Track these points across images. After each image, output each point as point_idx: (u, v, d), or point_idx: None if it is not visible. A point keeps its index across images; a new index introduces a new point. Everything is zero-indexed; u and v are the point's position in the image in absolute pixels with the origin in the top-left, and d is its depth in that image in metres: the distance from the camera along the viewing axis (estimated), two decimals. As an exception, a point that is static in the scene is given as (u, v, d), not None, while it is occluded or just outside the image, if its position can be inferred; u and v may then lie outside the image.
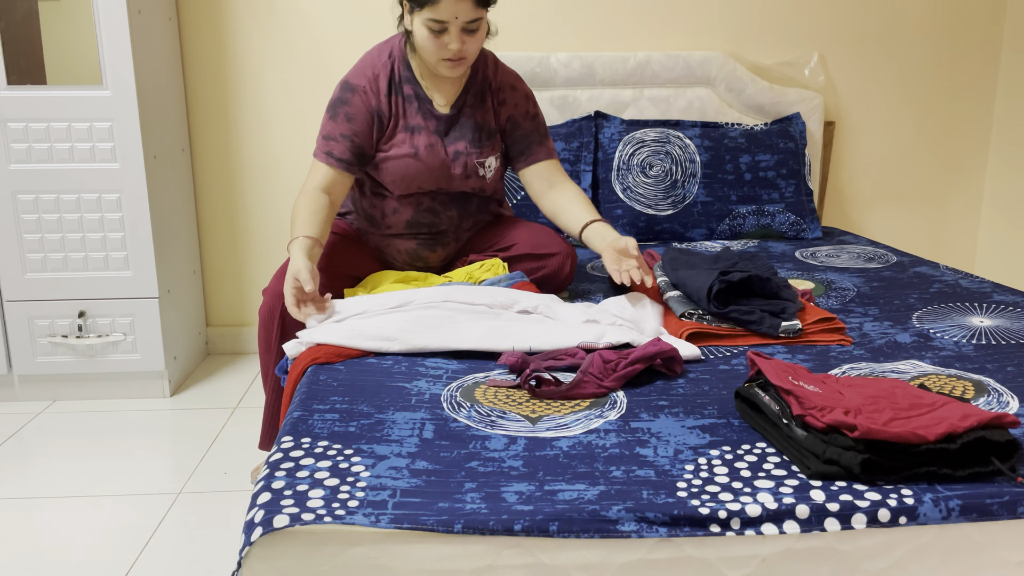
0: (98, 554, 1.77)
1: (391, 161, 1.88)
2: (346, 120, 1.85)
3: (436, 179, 1.91)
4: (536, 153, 1.98)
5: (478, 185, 1.96)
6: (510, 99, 1.97)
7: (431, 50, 1.77)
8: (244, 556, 0.99)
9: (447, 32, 1.73)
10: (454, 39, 1.74)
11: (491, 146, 1.95)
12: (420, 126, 1.89)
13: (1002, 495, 1.04)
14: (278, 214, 2.92)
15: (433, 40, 1.75)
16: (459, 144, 1.91)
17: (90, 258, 2.49)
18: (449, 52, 1.76)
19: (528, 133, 1.98)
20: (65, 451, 2.25)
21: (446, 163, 1.91)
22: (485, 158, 1.93)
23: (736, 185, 2.64)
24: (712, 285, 1.64)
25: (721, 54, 2.80)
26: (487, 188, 1.99)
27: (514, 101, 1.97)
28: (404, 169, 1.88)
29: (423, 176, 1.90)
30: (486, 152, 1.93)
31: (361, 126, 1.86)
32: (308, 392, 1.38)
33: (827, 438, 1.11)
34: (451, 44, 1.74)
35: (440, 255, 2.02)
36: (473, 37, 1.77)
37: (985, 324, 1.74)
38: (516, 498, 1.04)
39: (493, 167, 1.96)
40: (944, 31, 2.95)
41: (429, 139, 1.89)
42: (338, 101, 1.87)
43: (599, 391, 1.37)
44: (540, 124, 2.01)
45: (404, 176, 1.89)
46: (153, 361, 2.58)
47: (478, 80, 1.95)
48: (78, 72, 2.39)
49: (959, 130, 3.06)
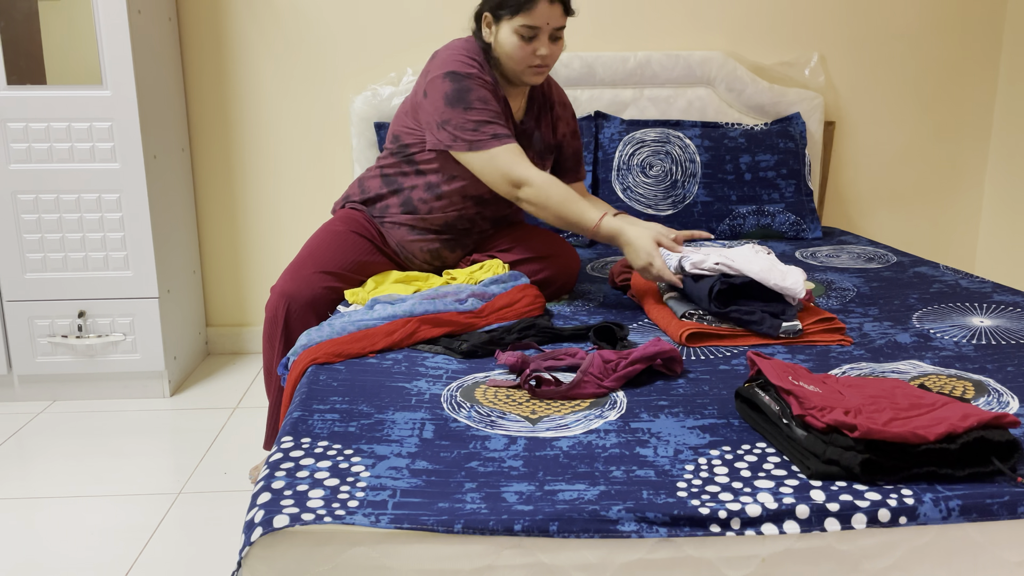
0: (98, 554, 1.77)
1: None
2: (483, 103, 1.78)
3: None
4: (572, 174, 2.11)
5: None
6: (563, 116, 2.05)
7: (520, 58, 1.79)
8: (244, 556, 0.99)
9: (537, 39, 1.77)
10: (544, 45, 1.77)
11: (551, 159, 2.04)
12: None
13: (1002, 495, 1.04)
14: (278, 214, 2.92)
15: (523, 48, 1.78)
16: (529, 153, 1.96)
17: (90, 258, 2.49)
18: (538, 59, 1.79)
19: (575, 153, 2.10)
20: (65, 451, 2.25)
21: None
22: (546, 170, 2.01)
23: (736, 185, 2.64)
24: (713, 285, 1.64)
25: (721, 54, 2.80)
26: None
27: (566, 119, 2.06)
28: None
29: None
30: (547, 164, 2.02)
31: (496, 105, 1.81)
32: (308, 392, 1.38)
33: (827, 438, 1.11)
34: (540, 50, 1.78)
35: (458, 255, 2.04)
36: (556, 45, 1.82)
37: (985, 324, 1.74)
38: (516, 498, 1.04)
39: None
40: (944, 31, 2.95)
41: None
42: (461, 91, 1.78)
43: (599, 391, 1.37)
44: (580, 146, 2.11)
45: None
46: (153, 361, 2.58)
47: (538, 93, 2.00)
48: (78, 72, 2.39)
49: (959, 130, 3.06)
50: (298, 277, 1.87)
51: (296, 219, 2.93)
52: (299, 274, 1.88)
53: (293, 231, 2.95)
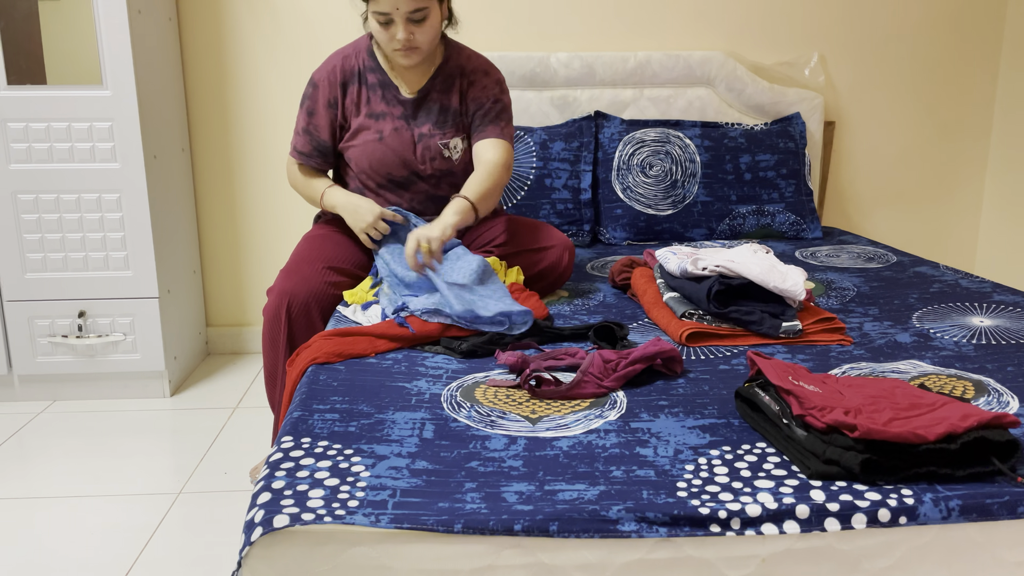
0: (98, 554, 1.77)
1: (357, 148, 1.96)
2: (308, 115, 1.98)
3: (403, 162, 1.96)
4: (479, 132, 1.97)
5: (445, 167, 1.98)
6: (479, 82, 1.99)
7: (384, 41, 1.86)
8: (244, 556, 0.99)
9: (394, 24, 1.81)
10: (400, 29, 1.81)
11: (455, 127, 1.98)
12: (385, 112, 1.95)
13: (1002, 495, 1.04)
14: (278, 214, 2.92)
15: (383, 32, 1.84)
16: (424, 127, 1.96)
17: (90, 258, 2.49)
18: (398, 42, 1.83)
19: (486, 112, 1.97)
20: (65, 451, 2.25)
21: (411, 145, 1.95)
22: (448, 139, 1.97)
23: (736, 185, 2.64)
24: (712, 286, 1.64)
25: (721, 54, 2.80)
26: (456, 170, 2.00)
27: (483, 84, 1.99)
28: (371, 153, 1.94)
29: (390, 159, 1.95)
30: (449, 133, 1.97)
31: (320, 119, 1.97)
32: (308, 392, 1.38)
33: (827, 438, 1.11)
34: (398, 34, 1.82)
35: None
36: (421, 27, 1.83)
37: (985, 324, 1.74)
38: (516, 498, 1.04)
39: (460, 149, 1.99)
40: (944, 31, 2.95)
41: (395, 123, 1.95)
42: (303, 97, 1.99)
43: (599, 391, 1.37)
44: (503, 108, 1.99)
45: (371, 160, 1.95)
46: (153, 361, 2.58)
47: (449, 67, 1.99)
48: (78, 72, 2.39)
49: (959, 130, 3.06)
50: (296, 275, 1.85)
51: (296, 219, 2.93)
52: (296, 272, 1.86)
53: (293, 231, 2.95)
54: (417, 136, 1.95)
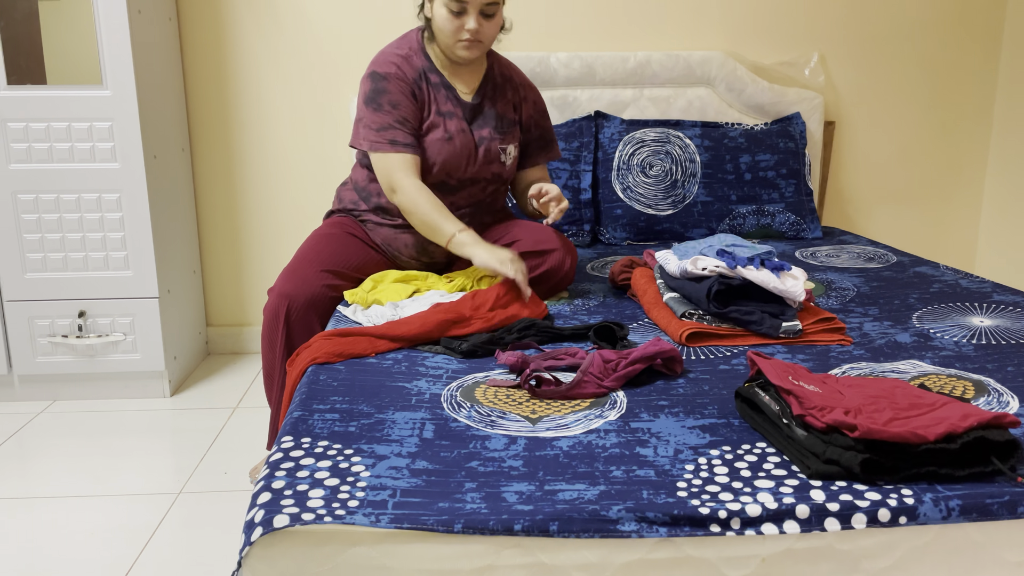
0: (98, 554, 1.77)
1: (430, 146, 1.93)
2: (392, 107, 1.89)
3: (465, 163, 1.97)
4: (544, 153, 2.14)
5: (498, 171, 2.02)
6: (530, 97, 2.09)
7: (449, 32, 1.85)
8: (244, 556, 0.99)
9: (466, 13, 1.82)
10: (472, 19, 1.82)
11: (512, 134, 2.04)
12: (451, 112, 1.96)
13: (1002, 495, 1.04)
14: (278, 214, 2.92)
15: (452, 21, 1.83)
16: (484, 130, 1.99)
17: (90, 258, 2.49)
18: (466, 33, 1.84)
19: (542, 134, 2.12)
20: (65, 451, 2.25)
21: (474, 148, 1.98)
22: (507, 144, 2.02)
23: (736, 185, 2.64)
24: (711, 286, 1.64)
25: (721, 54, 2.80)
26: (504, 175, 2.05)
27: (532, 100, 2.09)
28: (440, 153, 1.93)
29: (455, 160, 1.95)
30: (508, 139, 2.02)
31: (407, 110, 1.90)
32: (308, 392, 1.38)
33: (827, 438, 1.11)
34: (468, 24, 1.82)
35: (444, 250, 2.03)
36: (489, 21, 1.86)
37: (985, 324, 1.74)
38: (516, 498, 1.04)
39: (512, 155, 2.05)
40: (944, 31, 2.95)
41: (459, 124, 1.96)
42: (376, 92, 1.89)
43: (599, 391, 1.37)
44: (549, 125, 2.14)
45: (440, 159, 1.94)
46: (153, 361, 2.58)
47: (495, 72, 2.04)
48: (78, 72, 2.39)
49: (959, 130, 3.06)
50: (296, 277, 1.87)
51: (296, 219, 2.93)
52: (297, 274, 1.87)
53: (293, 231, 2.95)
54: (479, 139, 1.98)
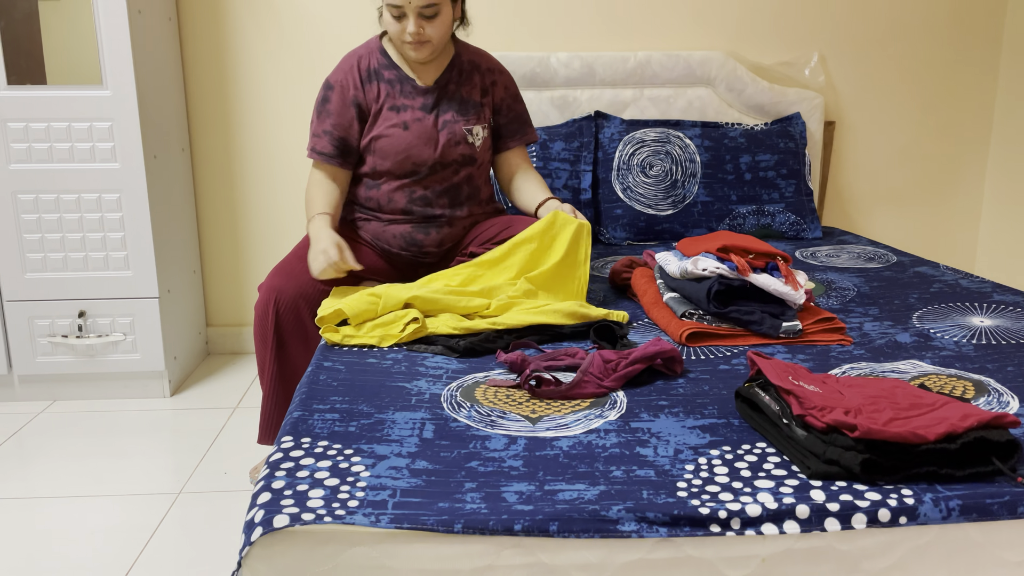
0: (98, 554, 1.77)
1: (382, 139, 1.98)
2: (327, 116, 2.00)
3: (428, 149, 1.98)
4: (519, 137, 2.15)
5: (467, 152, 2.02)
6: (500, 80, 2.10)
7: (395, 34, 1.92)
8: (244, 556, 0.99)
9: (405, 17, 1.88)
10: (412, 22, 1.88)
11: (478, 115, 2.05)
12: (407, 104, 1.99)
13: (1002, 495, 1.04)
14: (278, 214, 2.92)
15: (395, 25, 1.90)
16: (447, 114, 2.01)
17: (90, 258, 2.49)
18: (408, 36, 1.89)
19: (516, 117, 2.13)
20: (65, 451, 2.25)
21: (435, 131, 1.99)
22: (472, 125, 2.03)
23: (736, 185, 2.64)
24: (711, 286, 1.64)
25: (721, 54, 2.80)
26: (476, 156, 2.04)
27: (504, 83, 2.11)
28: (396, 142, 1.97)
29: (415, 147, 1.97)
30: (472, 120, 2.03)
31: (342, 119, 1.99)
32: (308, 392, 1.38)
33: (827, 438, 1.11)
34: (409, 27, 1.88)
35: (435, 239, 2.04)
36: (432, 22, 1.90)
37: (985, 324, 1.74)
38: (516, 498, 1.04)
39: (481, 136, 2.05)
40: (944, 31, 2.95)
41: (415, 113, 1.99)
42: (320, 100, 2.02)
43: (599, 391, 1.37)
44: (522, 108, 2.16)
45: (397, 149, 1.97)
46: (153, 361, 2.58)
47: (462, 60, 2.06)
48: (78, 72, 2.39)
49: (959, 130, 3.06)
50: (285, 272, 1.91)
51: (296, 219, 2.93)
52: (286, 270, 1.92)
53: (293, 231, 2.95)
54: (441, 123, 2.00)
